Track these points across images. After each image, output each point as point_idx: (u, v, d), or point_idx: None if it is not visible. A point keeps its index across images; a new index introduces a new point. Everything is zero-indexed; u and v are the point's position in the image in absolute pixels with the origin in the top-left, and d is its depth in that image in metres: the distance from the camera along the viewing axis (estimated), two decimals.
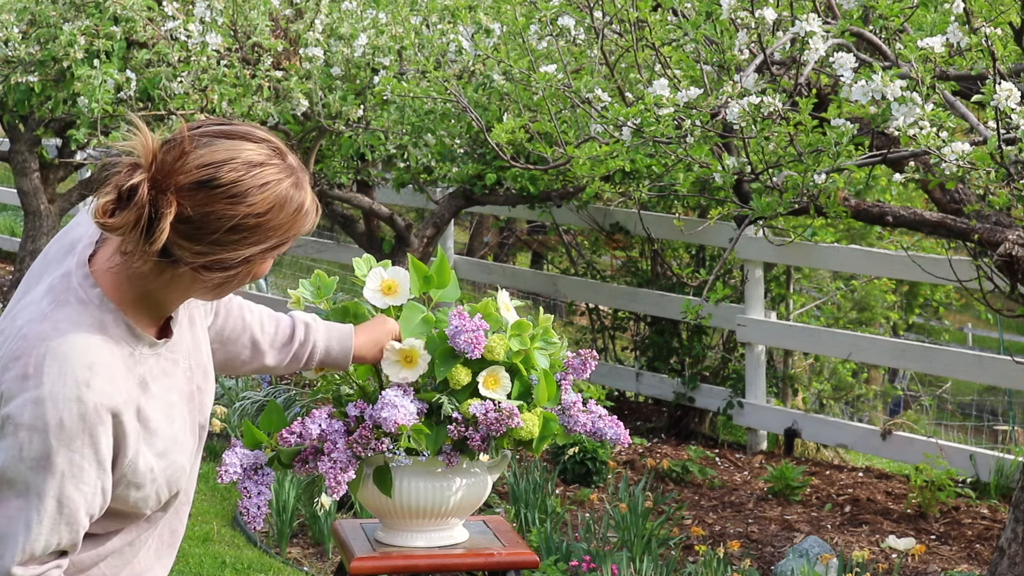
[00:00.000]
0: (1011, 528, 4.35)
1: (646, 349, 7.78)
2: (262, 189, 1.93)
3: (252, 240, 1.95)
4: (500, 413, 3.07)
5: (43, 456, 1.90)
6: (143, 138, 1.93)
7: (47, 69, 6.51)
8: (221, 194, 1.91)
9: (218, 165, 1.91)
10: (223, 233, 1.92)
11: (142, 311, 2.02)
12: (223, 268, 1.96)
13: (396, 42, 6.07)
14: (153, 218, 1.90)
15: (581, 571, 4.91)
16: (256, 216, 1.93)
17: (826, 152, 3.77)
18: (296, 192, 1.96)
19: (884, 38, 3.98)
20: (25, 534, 1.91)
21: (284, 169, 1.96)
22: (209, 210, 1.91)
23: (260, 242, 1.95)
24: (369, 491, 3.22)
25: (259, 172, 1.93)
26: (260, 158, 1.94)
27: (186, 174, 1.91)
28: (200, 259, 1.94)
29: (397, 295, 3.14)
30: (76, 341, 1.93)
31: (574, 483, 6.28)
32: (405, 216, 7.35)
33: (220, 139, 1.94)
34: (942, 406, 8.50)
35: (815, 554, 5.06)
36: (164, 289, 2.00)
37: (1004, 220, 4.28)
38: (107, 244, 2.02)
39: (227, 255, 1.94)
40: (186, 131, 1.94)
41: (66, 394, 1.90)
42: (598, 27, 4.49)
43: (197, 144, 1.93)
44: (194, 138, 1.93)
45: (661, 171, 5.49)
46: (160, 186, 1.91)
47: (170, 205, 1.90)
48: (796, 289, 7.67)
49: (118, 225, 1.90)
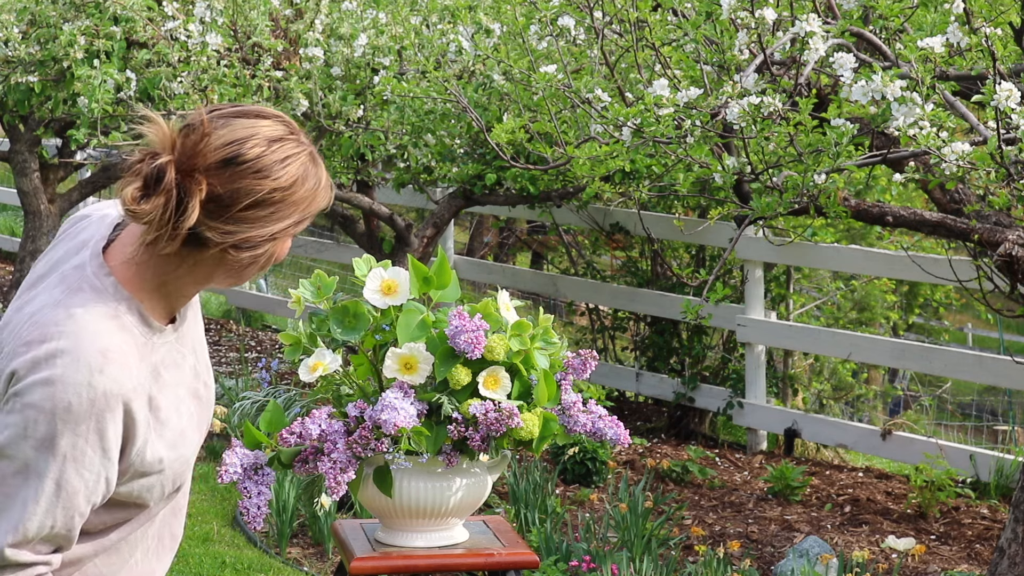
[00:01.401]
0: (1011, 528, 4.35)
1: (646, 349, 7.78)
2: (284, 163, 1.96)
3: (278, 215, 1.97)
4: (500, 413, 3.07)
5: (47, 437, 1.91)
6: (159, 126, 1.95)
7: (47, 69, 6.51)
8: (247, 170, 1.94)
9: (241, 142, 1.94)
10: (251, 209, 1.95)
11: (156, 301, 2.03)
12: (251, 247, 1.98)
13: (396, 42, 6.07)
14: (182, 200, 1.92)
15: (581, 571, 4.91)
16: (282, 190, 1.96)
17: (826, 152, 3.77)
18: (314, 166, 2.01)
19: (884, 38, 3.98)
20: (20, 512, 1.91)
21: (301, 144, 2.00)
22: (237, 186, 1.94)
23: (285, 217, 1.98)
24: (369, 491, 3.22)
25: (279, 147, 1.97)
26: (278, 134, 1.98)
27: (210, 153, 1.94)
28: (230, 239, 1.96)
29: (397, 295, 3.14)
30: (90, 327, 1.94)
31: (574, 483, 6.29)
32: (405, 216, 7.35)
33: (236, 119, 1.97)
34: (942, 406, 8.50)
35: (815, 554, 5.06)
36: (185, 277, 2.02)
37: (1004, 220, 4.28)
38: (120, 239, 2.04)
39: (255, 232, 1.96)
40: (203, 113, 1.96)
41: (77, 379, 1.91)
42: (598, 27, 4.49)
43: (216, 125, 1.96)
44: (212, 119, 1.96)
45: (661, 171, 5.50)
46: (185, 168, 1.93)
47: (199, 185, 1.92)
48: (796, 289, 7.67)
49: (148, 211, 1.92)
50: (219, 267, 2.01)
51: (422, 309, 3.16)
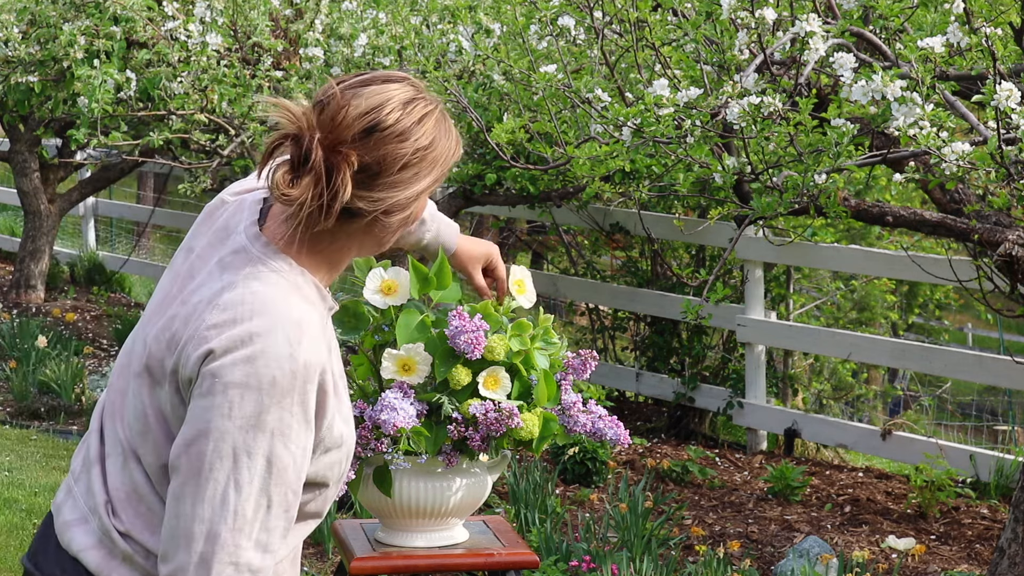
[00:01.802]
0: (1011, 528, 4.35)
1: (646, 349, 7.78)
2: (421, 123, 1.99)
3: (423, 174, 2.00)
4: (500, 413, 3.07)
5: (254, 414, 1.88)
6: (286, 107, 1.96)
7: (47, 69, 6.51)
8: (389, 135, 1.96)
9: (378, 109, 1.96)
10: (398, 173, 1.97)
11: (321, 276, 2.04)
12: (400, 209, 1.99)
13: (396, 42, 6.07)
14: (331, 176, 1.93)
15: (581, 571, 4.91)
16: (423, 150, 1.98)
17: (826, 152, 3.77)
18: (445, 122, 2.04)
19: (884, 38, 3.98)
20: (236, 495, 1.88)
21: (430, 102, 2.02)
22: (383, 153, 1.95)
23: (428, 174, 2.00)
24: (369, 491, 3.22)
25: (414, 108, 1.99)
26: (409, 95, 2.00)
27: (351, 125, 1.95)
28: (381, 205, 1.97)
29: (397, 295, 3.14)
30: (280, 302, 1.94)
31: (574, 483, 6.29)
32: None
33: (365, 87, 1.98)
34: (942, 406, 8.50)
35: (815, 554, 5.06)
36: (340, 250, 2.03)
37: (1004, 220, 4.28)
38: (272, 218, 2.03)
39: (403, 195, 1.98)
40: (334, 86, 1.98)
41: (279, 351, 1.90)
42: (598, 27, 4.49)
43: (348, 96, 1.97)
44: (343, 91, 1.97)
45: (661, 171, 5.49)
46: (328, 143, 1.94)
47: (346, 159, 1.93)
48: (796, 289, 7.68)
49: (301, 194, 1.93)
50: (368, 235, 2.03)
51: (422, 309, 3.16)
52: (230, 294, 1.94)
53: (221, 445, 1.88)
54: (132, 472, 2.00)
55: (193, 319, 1.94)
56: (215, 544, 1.87)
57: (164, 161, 6.82)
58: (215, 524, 1.87)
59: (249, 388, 1.88)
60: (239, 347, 1.89)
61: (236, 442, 1.88)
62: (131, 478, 2.00)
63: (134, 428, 2.00)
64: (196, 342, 1.92)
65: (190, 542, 1.87)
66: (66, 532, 2.03)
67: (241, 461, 1.88)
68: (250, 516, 1.88)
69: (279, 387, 1.89)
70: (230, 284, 1.96)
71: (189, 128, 6.13)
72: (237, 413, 1.88)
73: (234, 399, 1.88)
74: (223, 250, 2.02)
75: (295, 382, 1.90)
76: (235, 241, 2.02)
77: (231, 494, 1.87)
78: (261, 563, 1.90)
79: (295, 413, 1.91)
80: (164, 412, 1.96)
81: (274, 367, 1.89)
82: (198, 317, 1.94)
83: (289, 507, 1.93)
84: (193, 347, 1.92)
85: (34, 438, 7.01)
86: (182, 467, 1.90)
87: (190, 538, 1.88)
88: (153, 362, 1.97)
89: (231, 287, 1.95)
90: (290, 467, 1.91)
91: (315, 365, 1.93)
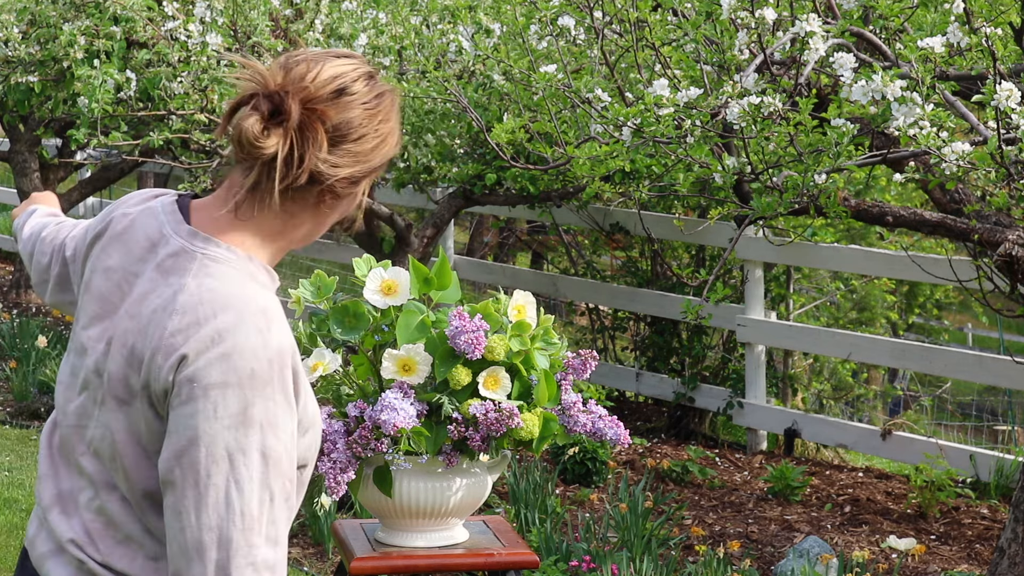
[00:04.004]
0: (1011, 528, 4.35)
1: (646, 349, 7.78)
2: (380, 98, 1.99)
3: (375, 151, 2.00)
4: (500, 413, 3.07)
5: (240, 411, 1.85)
6: (254, 66, 1.96)
7: (47, 69, 6.51)
8: (356, 101, 1.96)
9: (345, 74, 1.97)
10: (358, 142, 1.97)
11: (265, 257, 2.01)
12: (352, 183, 1.99)
13: (396, 42, 6.07)
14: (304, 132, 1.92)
15: (581, 571, 4.91)
16: (383, 122, 1.99)
17: (826, 152, 3.77)
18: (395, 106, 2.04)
19: (884, 38, 3.98)
20: (239, 496, 1.85)
21: (387, 84, 2.03)
22: (350, 116, 1.95)
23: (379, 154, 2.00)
24: (369, 491, 3.22)
25: (375, 83, 2.00)
26: (367, 71, 2.01)
27: (323, 85, 1.95)
28: (343, 171, 1.96)
29: (397, 295, 3.14)
30: (239, 294, 1.91)
31: (574, 483, 6.29)
32: (405, 216, 7.35)
33: (329, 58, 1.99)
34: (942, 406, 8.50)
35: (815, 554, 5.06)
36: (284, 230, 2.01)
37: (1004, 220, 4.28)
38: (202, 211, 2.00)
39: (364, 165, 1.99)
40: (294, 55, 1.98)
41: (251, 343, 1.87)
42: (598, 27, 4.49)
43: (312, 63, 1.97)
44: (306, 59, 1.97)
45: (661, 171, 5.49)
46: (302, 98, 1.94)
47: (321, 116, 1.93)
48: (796, 289, 7.67)
49: (273, 144, 1.91)
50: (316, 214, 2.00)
51: (422, 309, 3.16)
52: (184, 296, 1.90)
53: (214, 449, 1.84)
54: (105, 503, 1.96)
55: (151, 330, 1.90)
56: (229, 549, 1.84)
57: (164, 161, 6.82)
58: (225, 529, 1.84)
59: (229, 386, 1.85)
60: (211, 347, 1.86)
61: (228, 443, 1.85)
62: (104, 509, 1.96)
63: (102, 457, 1.95)
64: (164, 352, 1.87)
65: (203, 553, 1.84)
66: (44, 564, 1.99)
67: (237, 461, 1.85)
68: (256, 513, 1.85)
69: (259, 378, 1.86)
70: (181, 287, 1.91)
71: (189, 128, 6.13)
72: (223, 413, 1.85)
73: (217, 400, 1.85)
74: (156, 257, 1.97)
75: (273, 370, 1.88)
76: (169, 245, 1.97)
77: (234, 496, 1.84)
78: (275, 557, 1.87)
79: (278, 401, 1.88)
80: (136, 432, 1.92)
81: (250, 359, 1.86)
82: (157, 326, 1.89)
83: (289, 496, 1.91)
84: (163, 357, 1.87)
85: (34, 438, 7.01)
86: (177, 480, 1.86)
87: (202, 549, 1.84)
88: (115, 385, 1.93)
89: (183, 290, 1.91)
90: (284, 456, 1.89)
91: (288, 348, 1.90)
